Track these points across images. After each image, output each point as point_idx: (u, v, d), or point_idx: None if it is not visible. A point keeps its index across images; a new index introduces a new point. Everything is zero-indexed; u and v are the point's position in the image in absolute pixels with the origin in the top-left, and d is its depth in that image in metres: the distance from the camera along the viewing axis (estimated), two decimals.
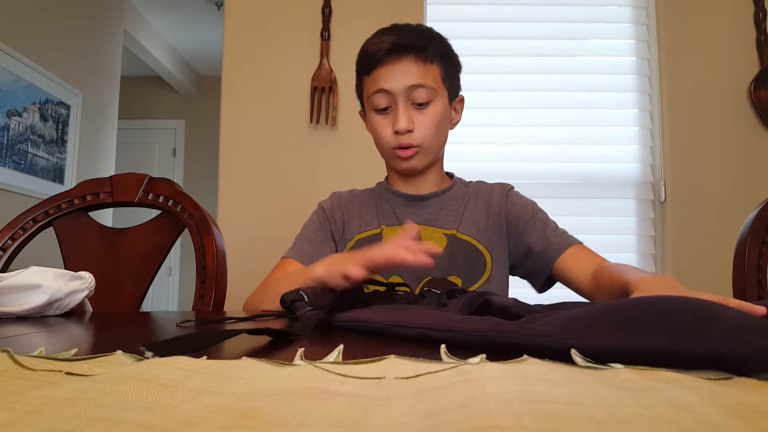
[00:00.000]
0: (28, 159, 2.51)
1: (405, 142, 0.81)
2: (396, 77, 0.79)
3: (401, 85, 0.79)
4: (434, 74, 0.81)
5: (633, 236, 1.71)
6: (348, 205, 0.92)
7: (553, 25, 1.77)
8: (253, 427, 0.15)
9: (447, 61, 0.84)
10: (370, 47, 0.82)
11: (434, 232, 0.85)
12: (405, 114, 0.79)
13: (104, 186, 0.99)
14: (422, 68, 0.79)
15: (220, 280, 0.89)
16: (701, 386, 0.20)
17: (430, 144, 0.82)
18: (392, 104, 0.81)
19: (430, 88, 0.80)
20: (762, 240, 0.88)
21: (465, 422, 0.14)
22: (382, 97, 0.81)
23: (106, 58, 3.21)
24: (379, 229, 0.87)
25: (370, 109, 0.84)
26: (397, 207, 0.88)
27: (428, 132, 0.81)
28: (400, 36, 0.80)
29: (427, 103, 0.80)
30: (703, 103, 1.70)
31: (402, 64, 0.79)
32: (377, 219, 0.88)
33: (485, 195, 0.89)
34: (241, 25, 1.74)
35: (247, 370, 0.23)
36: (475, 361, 0.25)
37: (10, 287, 0.58)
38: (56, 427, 0.14)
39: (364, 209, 0.90)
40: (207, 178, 4.24)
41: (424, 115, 0.81)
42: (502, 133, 1.74)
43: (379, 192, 0.92)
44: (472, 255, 0.83)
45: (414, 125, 0.80)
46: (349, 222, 0.89)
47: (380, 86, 0.80)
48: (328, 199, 0.94)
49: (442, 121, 0.83)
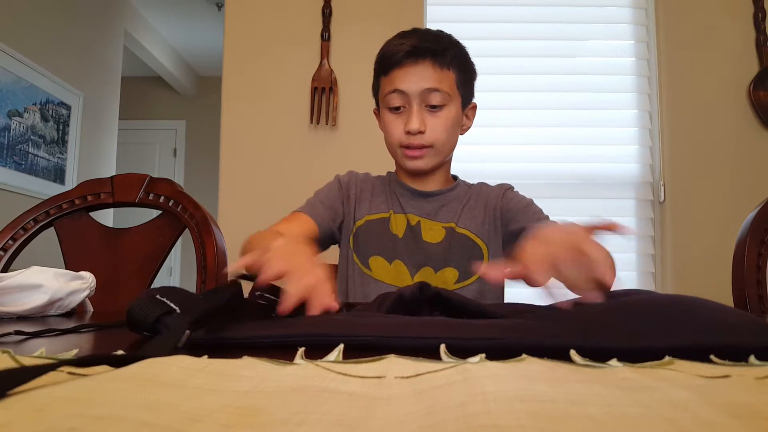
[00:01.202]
0: (28, 159, 2.51)
1: (416, 142, 0.83)
2: (412, 79, 0.81)
3: (417, 88, 0.81)
4: (450, 80, 0.83)
5: (632, 236, 1.71)
6: (363, 185, 0.94)
7: (553, 25, 1.78)
8: (254, 426, 0.15)
9: (463, 68, 0.86)
10: (389, 48, 0.84)
11: (434, 225, 0.88)
12: (418, 116, 0.82)
13: (105, 186, 0.99)
14: (438, 73, 0.82)
15: (220, 280, 0.90)
16: (699, 385, 0.20)
17: (441, 146, 0.85)
18: (406, 105, 0.83)
19: (445, 92, 0.82)
20: (761, 240, 0.88)
21: (464, 421, 0.15)
22: (397, 97, 0.83)
23: (107, 59, 3.22)
24: (388, 213, 0.90)
25: (384, 107, 0.86)
26: (402, 198, 0.91)
27: (439, 135, 0.83)
28: (419, 40, 0.82)
29: (441, 106, 0.83)
30: (702, 104, 1.70)
31: (419, 68, 0.81)
32: (387, 204, 0.91)
33: (485, 194, 0.92)
34: (241, 25, 1.74)
35: (248, 369, 0.23)
36: (474, 360, 0.25)
37: (11, 287, 0.58)
38: (58, 426, 0.14)
39: (376, 192, 0.93)
40: (207, 178, 4.23)
41: (437, 118, 0.83)
42: (501, 133, 1.74)
43: (389, 180, 0.95)
44: (469, 248, 0.86)
45: (426, 127, 0.82)
46: (362, 201, 0.92)
47: (396, 86, 0.82)
48: (345, 175, 0.96)
49: (454, 126, 0.85)
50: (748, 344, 0.26)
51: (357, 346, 0.31)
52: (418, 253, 0.86)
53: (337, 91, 1.69)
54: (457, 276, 0.84)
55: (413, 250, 0.86)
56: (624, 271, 1.71)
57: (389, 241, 0.87)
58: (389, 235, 0.87)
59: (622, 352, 0.26)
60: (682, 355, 0.25)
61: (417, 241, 0.86)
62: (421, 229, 0.87)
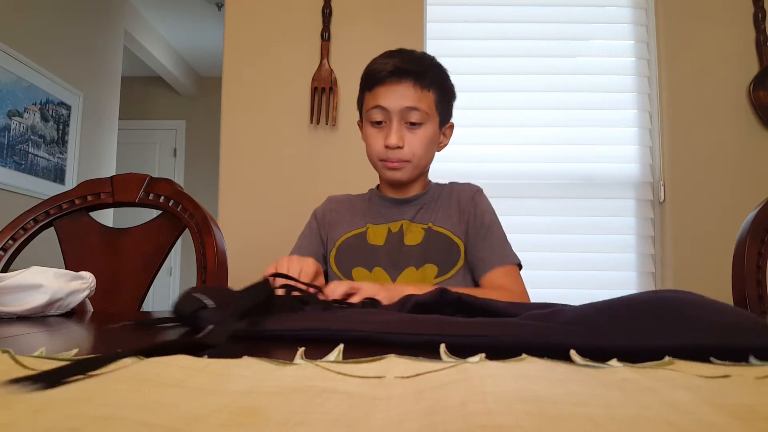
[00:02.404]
0: (28, 159, 2.51)
1: (394, 156, 0.89)
2: (394, 97, 0.87)
3: (398, 105, 0.87)
4: (429, 100, 0.89)
5: (632, 236, 1.71)
6: (339, 208, 1.01)
7: (553, 25, 1.78)
8: (254, 425, 0.15)
9: (442, 90, 0.92)
10: (375, 66, 0.90)
11: (414, 227, 0.94)
12: (397, 132, 0.88)
13: (105, 186, 0.99)
14: (418, 93, 0.87)
15: (220, 280, 0.90)
16: (699, 386, 0.20)
17: (417, 161, 0.91)
18: (387, 120, 0.89)
19: (423, 111, 0.88)
20: (761, 240, 0.88)
21: (464, 421, 0.15)
22: (379, 112, 0.89)
23: (107, 59, 3.22)
24: (365, 227, 0.96)
25: (367, 121, 0.92)
26: (384, 208, 0.97)
27: (417, 150, 0.89)
28: (402, 61, 0.88)
29: (419, 124, 0.89)
30: (702, 104, 1.70)
31: (401, 87, 0.87)
32: (364, 220, 0.97)
33: (456, 193, 0.97)
34: (241, 25, 1.74)
35: (248, 369, 0.23)
36: (474, 360, 0.25)
37: (11, 287, 0.58)
38: (58, 426, 0.14)
39: (354, 211, 0.99)
40: (207, 179, 4.24)
41: (415, 134, 0.89)
42: (501, 133, 1.74)
43: (369, 196, 1.02)
44: (447, 245, 0.91)
45: (404, 143, 0.88)
46: (339, 223, 0.98)
47: (378, 102, 0.88)
48: (321, 205, 1.03)
49: (431, 143, 0.91)
50: (746, 345, 0.26)
51: (359, 343, 0.33)
52: (400, 257, 0.91)
53: (337, 91, 1.69)
54: (437, 271, 0.89)
55: (395, 255, 0.91)
56: (624, 271, 1.71)
57: (368, 252, 0.93)
58: (367, 246, 0.93)
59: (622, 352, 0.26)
60: (681, 355, 0.25)
61: (399, 245, 0.92)
62: (404, 233, 0.93)
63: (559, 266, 1.69)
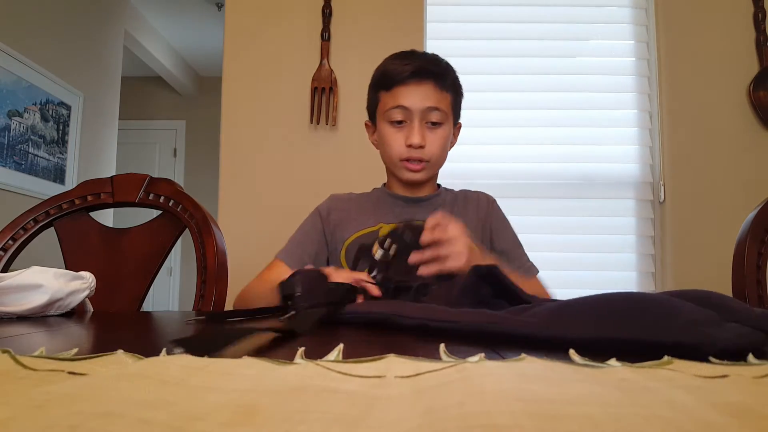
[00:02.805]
0: (28, 159, 2.51)
1: (416, 155, 0.90)
2: (416, 97, 0.89)
3: (420, 105, 0.89)
4: (447, 101, 0.91)
5: (632, 236, 1.71)
6: (345, 206, 0.99)
7: (553, 25, 1.78)
8: (254, 424, 0.15)
9: (457, 92, 0.95)
10: (393, 67, 0.91)
11: None
12: (420, 131, 0.89)
13: (105, 186, 0.99)
14: (439, 94, 0.90)
15: (220, 280, 0.90)
16: (697, 386, 0.20)
17: (436, 161, 0.93)
18: (407, 120, 0.90)
19: (443, 111, 0.90)
20: (761, 240, 0.89)
21: (463, 420, 0.15)
22: (400, 112, 0.90)
23: (107, 59, 3.22)
24: (378, 226, 0.94)
25: (384, 121, 0.92)
26: (396, 207, 0.97)
27: (437, 150, 0.91)
28: (423, 62, 0.91)
29: (440, 124, 0.91)
30: (702, 104, 1.70)
31: (423, 87, 0.89)
32: (375, 219, 0.95)
33: (473, 201, 0.99)
34: (241, 25, 1.74)
35: (248, 368, 0.23)
36: (474, 359, 0.25)
37: (11, 287, 0.58)
38: (58, 422, 0.14)
39: (362, 210, 0.98)
40: (207, 179, 4.23)
41: (435, 134, 0.91)
42: (501, 133, 1.74)
43: (376, 195, 1.01)
44: None
45: (426, 142, 0.90)
46: (348, 222, 0.96)
47: (400, 102, 0.89)
48: (324, 202, 1.01)
49: (447, 143, 0.94)
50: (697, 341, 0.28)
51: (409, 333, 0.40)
52: None
53: (337, 91, 1.69)
54: None
55: None
56: (624, 271, 1.71)
57: None
58: None
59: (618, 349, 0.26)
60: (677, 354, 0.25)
61: None
62: None
63: (559, 266, 1.69)
